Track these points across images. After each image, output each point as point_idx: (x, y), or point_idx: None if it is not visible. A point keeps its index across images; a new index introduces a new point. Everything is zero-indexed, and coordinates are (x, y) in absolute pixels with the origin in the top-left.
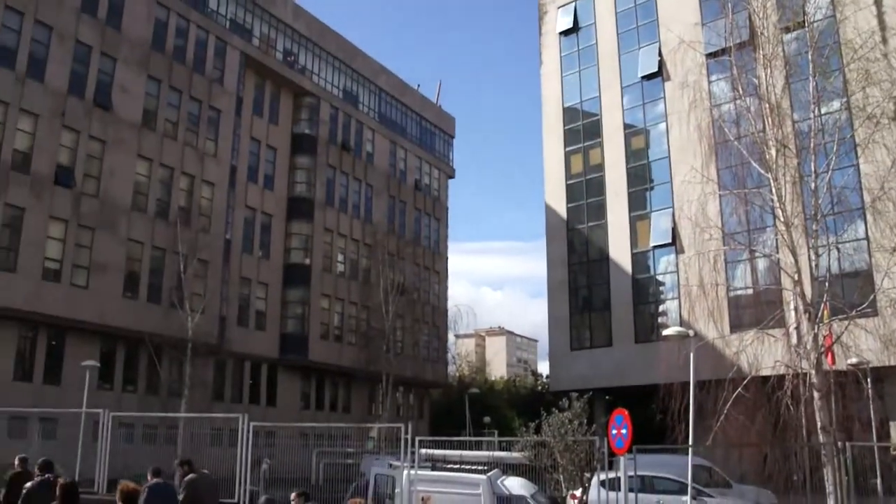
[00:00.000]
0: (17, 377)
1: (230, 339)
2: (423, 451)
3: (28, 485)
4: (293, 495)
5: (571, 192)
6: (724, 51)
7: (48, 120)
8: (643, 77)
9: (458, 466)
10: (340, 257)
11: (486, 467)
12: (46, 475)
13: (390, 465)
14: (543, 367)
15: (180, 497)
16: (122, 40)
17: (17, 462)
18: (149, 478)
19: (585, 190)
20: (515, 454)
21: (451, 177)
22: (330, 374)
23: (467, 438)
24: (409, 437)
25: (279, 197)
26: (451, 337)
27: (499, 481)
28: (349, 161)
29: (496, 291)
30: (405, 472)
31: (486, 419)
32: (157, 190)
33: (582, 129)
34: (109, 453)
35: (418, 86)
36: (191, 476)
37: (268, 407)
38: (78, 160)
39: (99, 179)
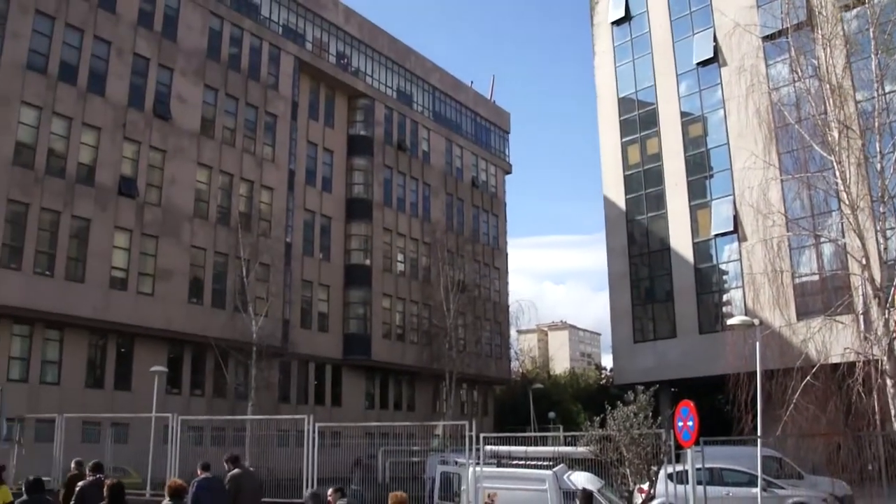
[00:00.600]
0: (89, 384)
1: (294, 341)
2: (488, 447)
3: (80, 484)
4: (330, 491)
5: (630, 183)
6: (780, 33)
7: (110, 132)
8: (698, 63)
9: (523, 462)
10: (400, 257)
11: (551, 463)
12: (97, 476)
13: (455, 463)
14: (607, 361)
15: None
16: (178, 51)
17: (73, 465)
18: (198, 472)
19: (644, 180)
20: (581, 449)
21: (508, 172)
22: (393, 372)
23: (532, 434)
24: (473, 434)
25: (337, 199)
26: (513, 333)
27: (565, 476)
28: (405, 160)
29: (558, 286)
30: (471, 469)
31: (551, 414)
32: (218, 196)
33: (638, 118)
34: (179, 456)
35: (471, 82)
36: (235, 471)
37: (333, 407)
38: (140, 170)
39: (161, 188)
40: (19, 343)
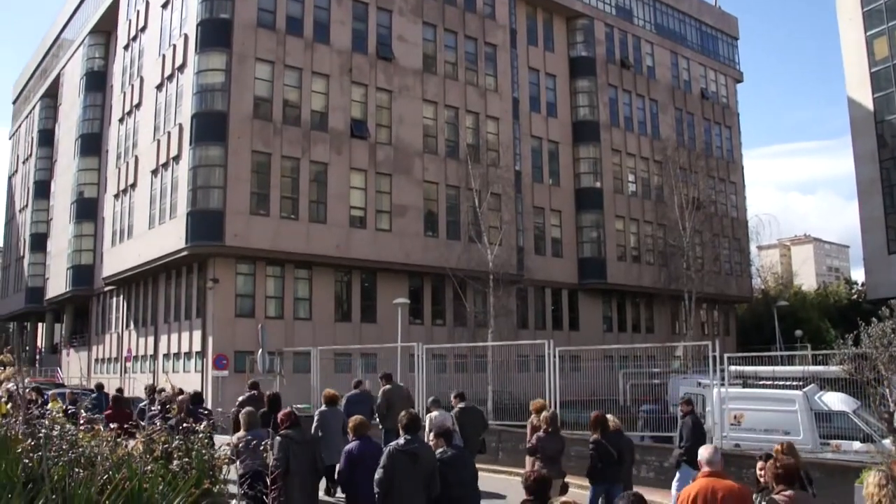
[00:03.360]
0: (338, 318)
1: (529, 267)
2: (733, 368)
3: (240, 398)
4: (452, 395)
5: (877, 81)
6: None
7: (338, 78)
8: None
9: (770, 383)
10: (631, 177)
11: (801, 383)
12: (253, 392)
13: (699, 384)
14: (858, 275)
15: (378, 402)
16: None
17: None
18: (353, 387)
19: (894, 76)
20: (833, 368)
21: (739, 81)
22: (630, 295)
23: (778, 353)
24: (716, 354)
25: (563, 123)
26: (753, 249)
27: (816, 397)
28: (630, 78)
29: (806, 196)
30: (715, 390)
31: (798, 332)
32: (445, 130)
33: (885, 8)
34: (426, 382)
35: None
36: (386, 387)
37: (571, 331)
38: (369, 112)
39: (390, 128)
40: (273, 283)
